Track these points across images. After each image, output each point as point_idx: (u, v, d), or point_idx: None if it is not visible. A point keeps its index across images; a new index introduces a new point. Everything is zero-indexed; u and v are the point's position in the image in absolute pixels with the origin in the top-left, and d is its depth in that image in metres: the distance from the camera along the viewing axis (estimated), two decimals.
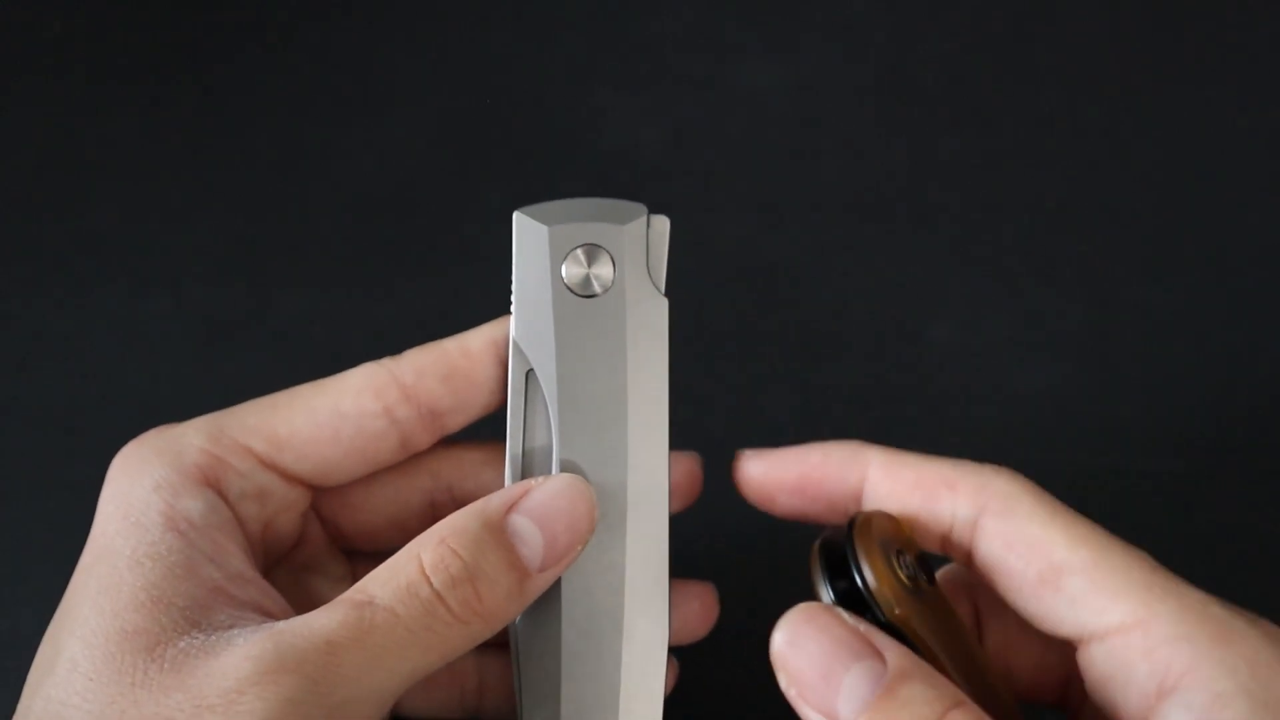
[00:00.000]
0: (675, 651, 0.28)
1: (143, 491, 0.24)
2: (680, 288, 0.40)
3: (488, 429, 0.28)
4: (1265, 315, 0.41)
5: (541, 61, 0.50)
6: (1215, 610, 0.22)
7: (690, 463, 0.28)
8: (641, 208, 0.27)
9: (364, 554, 0.29)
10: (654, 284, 0.27)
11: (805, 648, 0.22)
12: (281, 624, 0.22)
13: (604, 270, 0.26)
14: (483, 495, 0.27)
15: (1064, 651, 0.24)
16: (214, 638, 0.22)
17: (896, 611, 0.23)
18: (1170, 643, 0.21)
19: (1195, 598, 0.22)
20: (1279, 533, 0.36)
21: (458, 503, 0.28)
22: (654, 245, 0.27)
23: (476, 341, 0.26)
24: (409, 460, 0.28)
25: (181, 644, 0.22)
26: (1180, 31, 0.50)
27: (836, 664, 0.21)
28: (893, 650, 0.21)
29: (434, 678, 0.28)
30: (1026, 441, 0.38)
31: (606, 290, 0.26)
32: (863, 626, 0.22)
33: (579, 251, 0.26)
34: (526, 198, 0.28)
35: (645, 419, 0.26)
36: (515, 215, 0.27)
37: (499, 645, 0.28)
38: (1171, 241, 0.43)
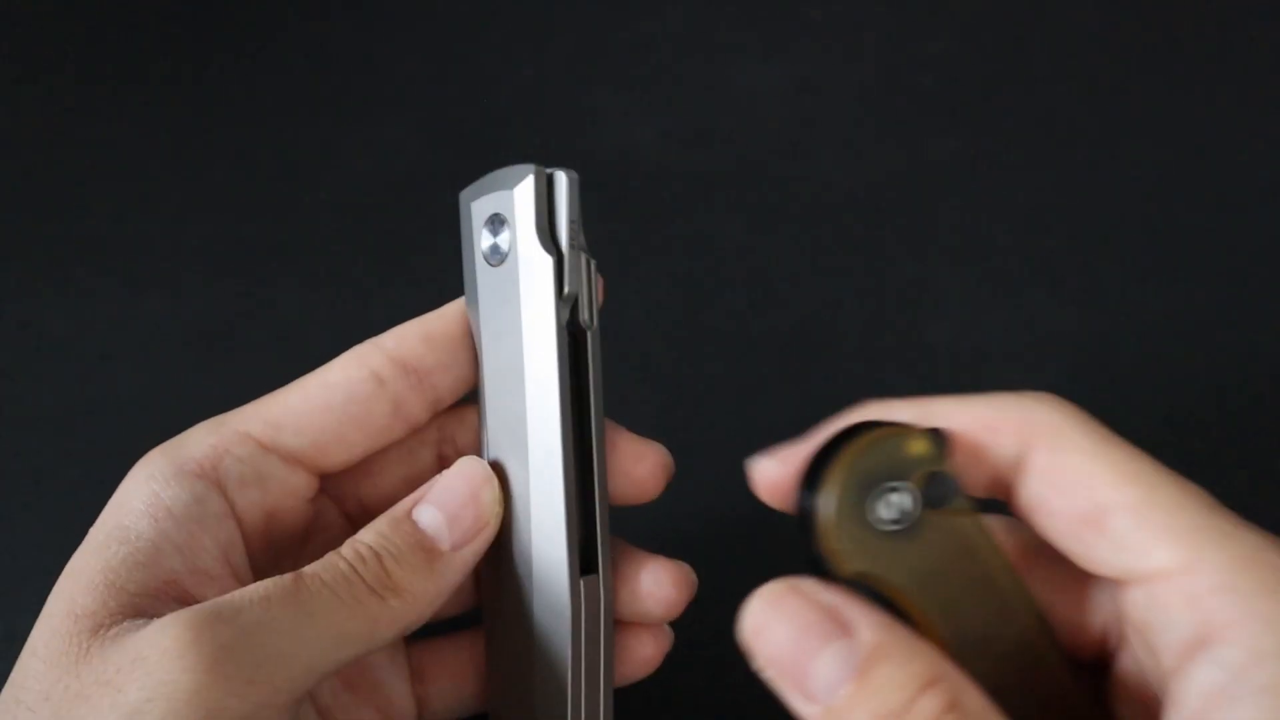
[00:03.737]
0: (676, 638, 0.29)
1: (135, 483, 0.25)
2: (676, 288, 0.39)
3: None
4: (1262, 317, 0.41)
5: (536, 62, 0.50)
6: (1270, 558, 0.20)
7: (651, 453, 0.28)
8: (529, 168, 0.26)
9: None
10: (544, 243, 0.26)
11: (773, 633, 0.21)
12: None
13: (504, 237, 0.26)
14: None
15: (1102, 600, 0.23)
16: (154, 622, 0.23)
17: (847, 568, 0.21)
18: (1216, 593, 0.20)
19: (1250, 544, 0.20)
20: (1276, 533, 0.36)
21: None
22: (555, 204, 0.26)
23: (453, 307, 0.28)
24: (414, 436, 0.28)
25: (125, 624, 0.23)
26: (1176, 34, 0.50)
27: (805, 648, 0.20)
28: (865, 623, 0.20)
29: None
30: None
31: (507, 256, 0.26)
32: (830, 598, 0.21)
33: (488, 220, 0.27)
34: None
35: (539, 384, 0.26)
36: (460, 195, 0.27)
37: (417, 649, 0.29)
38: (1168, 244, 0.43)
